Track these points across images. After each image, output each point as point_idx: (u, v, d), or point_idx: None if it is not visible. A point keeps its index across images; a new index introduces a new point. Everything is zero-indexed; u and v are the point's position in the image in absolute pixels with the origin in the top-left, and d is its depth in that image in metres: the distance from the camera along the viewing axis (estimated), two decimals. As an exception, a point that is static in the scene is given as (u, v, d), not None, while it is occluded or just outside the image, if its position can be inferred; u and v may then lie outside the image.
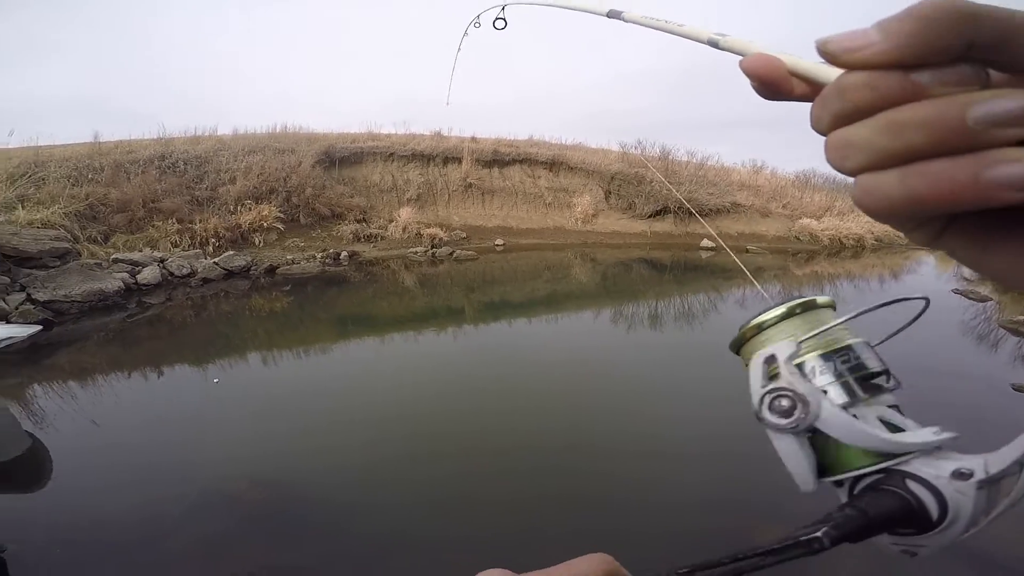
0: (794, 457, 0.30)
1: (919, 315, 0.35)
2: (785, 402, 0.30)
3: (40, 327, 6.07)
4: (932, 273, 13.08)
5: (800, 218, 17.42)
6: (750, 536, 2.53)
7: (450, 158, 15.91)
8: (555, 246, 14.59)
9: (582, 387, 4.73)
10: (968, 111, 0.20)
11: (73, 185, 10.12)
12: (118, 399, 4.36)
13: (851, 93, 0.22)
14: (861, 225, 17.46)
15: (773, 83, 0.26)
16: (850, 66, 0.22)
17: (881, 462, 0.28)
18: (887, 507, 0.27)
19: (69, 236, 8.70)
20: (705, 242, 15.15)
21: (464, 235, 14.11)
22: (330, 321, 7.50)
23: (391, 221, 13.65)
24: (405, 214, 13.65)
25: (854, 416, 0.29)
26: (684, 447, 3.55)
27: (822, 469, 0.31)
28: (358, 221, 13.33)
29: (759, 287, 6.13)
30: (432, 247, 12.89)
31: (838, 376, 0.31)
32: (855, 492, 0.30)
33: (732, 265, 12.67)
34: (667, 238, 15.68)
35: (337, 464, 3.37)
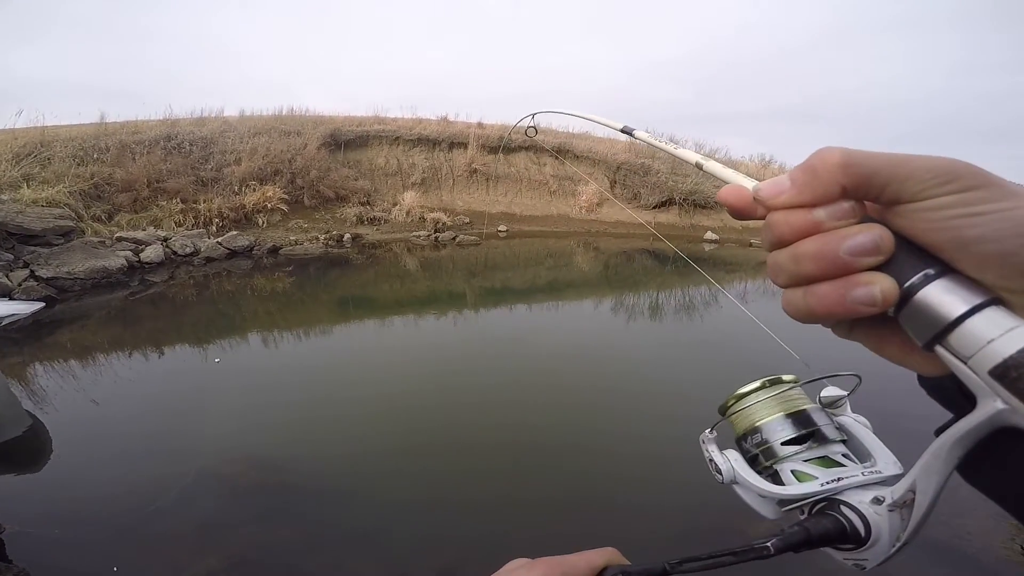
0: (748, 499, 0.42)
1: (853, 390, 0.44)
2: (713, 467, 0.44)
3: (43, 304, 6.13)
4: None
5: (807, 213, 17.18)
6: (739, 533, 2.56)
7: (456, 143, 15.83)
8: (558, 234, 14.55)
9: (580, 379, 4.74)
10: (841, 245, 0.27)
11: (78, 164, 10.14)
12: (119, 378, 4.40)
13: (775, 227, 0.30)
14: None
15: (740, 209, 0.34)
16: (774, 208, 0.30)
17: (821, 493, 0.37)
18: (824, 527, 0.35)
19: (73, 215, 8.76)
20: (709, 234, 15.06)
21: (467, 220, 14.09)
22: (331, 303, 7.53)
23: (395, 205, 13.65)
24: (409, 198, 13.64)
25: (757, 473, 0.41)
26: (682, 445, 3.56)
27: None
28: (362, 204, 13.33)
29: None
30: (435, 231, 12.89)
31: (744, 452, 0.44)
32: (810, 514, 0.38)
33: (735, 258, 12.63)
34: (671, 229, 15.58)
35: (334, 448, 3.41)
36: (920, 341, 0.27)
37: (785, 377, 0.45)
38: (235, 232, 10.31)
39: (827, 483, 0.37)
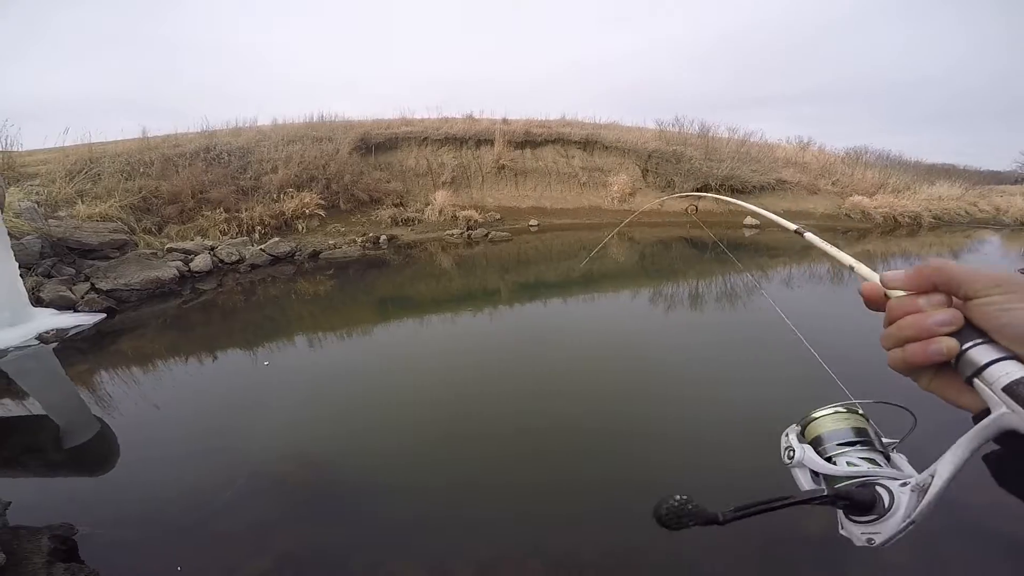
0: (803, 480, 0.58)
1: (910, 431, 0.61)
2: (788, 453, 0.61)
3: (104, 315, 6.45)
4: (996, 252, 12.29)
5: (851, 195, 16.54)
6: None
7: (482, 140, 15.85)
8: (591, 226, 14.40)
9: (619, 369, 4.68)
10: (929, 320, 0.44)
11: (126, 179, 10.61)
12: (176, 383, 4.58)
13: (893, 310, 0.47)
14: (918, 202, 16.47)
15: (875, 301, 0.50)
16: (892, 288, 0.48)
17: (866, 475, 0.52)
18: (863, 494, 0.48)
19: (126, 228, 9.18)
20: (749, 219, 14.64)
21: (498, 216, 14.11)
22: (371, 303, 7.66)
23: (427, 204, 13.77)
24: (440, 197, 13.75)
25: (824, 461, 0.57)
26: (723, 431, 3.47)
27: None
28: (395, 205, 13.51)
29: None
30: (467, 229, 12.96)
31: (813, 445, 0.60)
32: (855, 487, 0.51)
33: (777, 243, 12.23)
34: (708, 216, 15.22)
35: (381, 445, 3.46)
36: (964, 376, 0.42)
37: (852, 404, 0.61)
38: (277, 239, 10.61)
39: (871, 470, 0.52)
